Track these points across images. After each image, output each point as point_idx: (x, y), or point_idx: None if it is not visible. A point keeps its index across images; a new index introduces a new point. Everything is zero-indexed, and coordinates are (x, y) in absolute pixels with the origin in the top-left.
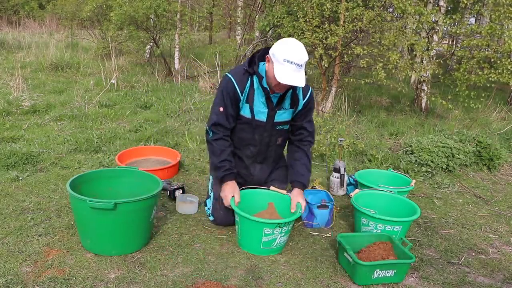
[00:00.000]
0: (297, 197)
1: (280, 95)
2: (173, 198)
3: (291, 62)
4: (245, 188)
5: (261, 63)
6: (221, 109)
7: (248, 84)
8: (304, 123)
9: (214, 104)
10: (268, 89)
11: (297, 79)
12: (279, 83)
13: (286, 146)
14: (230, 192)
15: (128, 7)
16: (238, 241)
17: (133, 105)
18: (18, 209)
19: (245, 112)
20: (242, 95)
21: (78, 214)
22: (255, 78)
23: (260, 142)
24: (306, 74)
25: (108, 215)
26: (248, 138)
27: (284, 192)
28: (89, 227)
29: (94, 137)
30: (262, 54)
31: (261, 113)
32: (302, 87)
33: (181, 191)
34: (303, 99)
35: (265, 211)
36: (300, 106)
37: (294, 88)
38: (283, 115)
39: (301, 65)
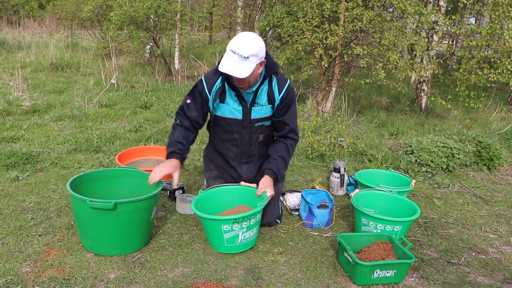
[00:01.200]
0: (265, 186)
1: (253, 91)
2: (173, 198)
3: (234, 52)
4: (216, 187)
5: None
6: (188, 101)
7: (217, 84)
8: (285, 118)
9: (187, 95)
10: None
11: (237, 69)
12: (234, 79)
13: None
14: (166, 169)
15: (128, 7)
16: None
17: (133, 105)
18: (18, 209)
19: (217, 111)
20: (209, 94)
21: (78, 214)
22: (225, 84)
23: (241, 140)
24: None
25: (108, 215)
26: (229, 139)
27: (254, 185)
28: (89, 227)
29: (94, 137)
30: None
31: (236, 110)
32: (278, 83)
33: (181, 191)
34: (279, 94)
35: (236, 209)
36: (277, 101)
37: (270, 83)
38: (261, 111)
39: (245, 57)
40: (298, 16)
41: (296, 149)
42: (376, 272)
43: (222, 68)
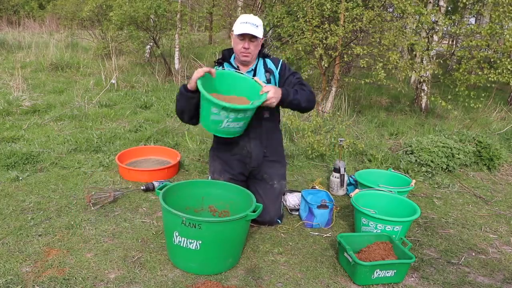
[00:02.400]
0: (271, 88)
1: (252, 69)
2: None
3: (247, 22)
4: (227, 70)
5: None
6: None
7: (219, 68)
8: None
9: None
10: (238, 67)
11: (254, 31)
12: (242, 46)
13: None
14: (201, 70)
15: (128, 7)
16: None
17: (133, 105)
18: (18, 209)
19: None
20: None
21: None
22: (226, 65)
23: None
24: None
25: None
26: None
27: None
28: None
29: (94, 137)
30: (228, 49)
31: None
32: (272, 61)
33: None
34: (276, 68)
35: (236, 97)
36: (277, 76)
37: (264, 63)
38: None
39: (256, 25)
40: (298, 16)
41: (296, 149)
42: (376, 272)
43: (241, 30)
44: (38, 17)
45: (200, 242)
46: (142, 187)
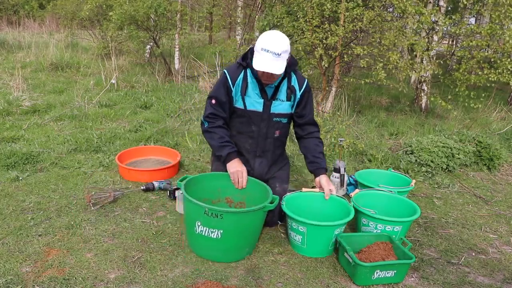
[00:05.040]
0: (328, 185)
1: (275, 85)
2: (173, 198)
3: (267, 51)
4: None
5: None
6: (213, 101)
7: (240, 77)
8: (307, 110)
9: (208, 97)
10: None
11: (273, 66)
12: (263, 72)
13: (298, 143)
14: (241, 166)
15: (128, 6)
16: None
17: (133, 105)
18: (18, 209)
19: (238, 103)
20: (233, 86)
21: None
22: (248, 71)
23: (258, 133)
24: (300, 68)
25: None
26: (247, 131)
27: (317, 190)
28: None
29: (94, 137)
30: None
31: (256, 103)
32: (298, 79)
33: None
34: (299, 90)
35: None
36: (298, 97)
37: (289, 79)
38: (280, 107)
39: (278, 54)
40: (298, 16)
41: (296, 149)
42: (376, 273)
43: (258, 66)
44: (38, 17)
45: (221, 231)
46: (142, 187)
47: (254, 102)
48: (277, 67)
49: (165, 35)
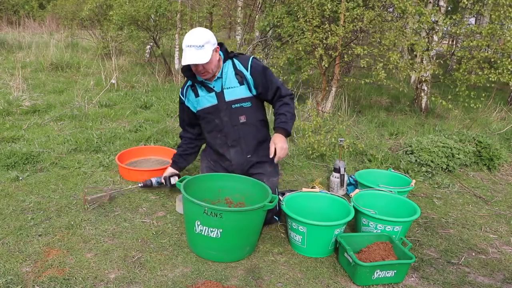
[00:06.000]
0: (274, 141)
1: (219, 77)
2: (169, 186)
3: (190, 46)
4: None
5: None
6: (179, 113)
7: (187, 85)
8: (274, 90)
9: None
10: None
11: (196, 57)
12: (195, 68)
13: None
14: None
15: (129, 6)
16: None
17: (133, 105)
18: (18, 209)
19: (199, 105)
20: (185, 97)
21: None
22: (194, 78)
23: (222, 123)
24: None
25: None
26: (213, 127)
27: (317, 190)
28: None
29: (94, 137)
30: None
31: (209, 98)
32: (242, 62)
33: (176, 178)
34: (247, 70)
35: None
36: (249, 78)
37: (234, 66)
38: (235, 93)
39: (201, 46)
40: (298, 16)
41: (296, 149)
42: (377, 273)
43: (184, 62)
44: (38, 17)
45: (221, 230)
46: (139, 184)
47: (206, 99)
48: (200, 56)
49: (165, 35)
